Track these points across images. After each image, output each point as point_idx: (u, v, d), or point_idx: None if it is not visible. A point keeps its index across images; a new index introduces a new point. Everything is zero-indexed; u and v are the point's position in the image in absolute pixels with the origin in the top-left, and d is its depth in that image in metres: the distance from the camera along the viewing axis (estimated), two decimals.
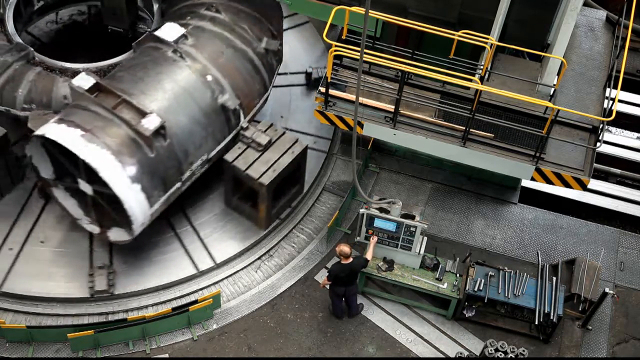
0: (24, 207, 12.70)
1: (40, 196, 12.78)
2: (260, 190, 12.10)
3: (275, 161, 12.19)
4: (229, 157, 12.22)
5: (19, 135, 12.67)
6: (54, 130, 11.01)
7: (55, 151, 11.49)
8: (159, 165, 11.34)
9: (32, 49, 12.37)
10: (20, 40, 12.65)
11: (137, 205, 11.14)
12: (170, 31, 12.13)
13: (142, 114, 11.15)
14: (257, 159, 12.19)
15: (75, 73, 12.20)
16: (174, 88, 11.72)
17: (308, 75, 14.89)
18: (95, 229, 12.08)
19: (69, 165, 11.56)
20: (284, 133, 12.59)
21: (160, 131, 11.18)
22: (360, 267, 11.42)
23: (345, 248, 11.13)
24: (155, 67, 11.85)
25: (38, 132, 11.14)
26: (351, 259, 11.23)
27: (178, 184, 11.78)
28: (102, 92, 11.38)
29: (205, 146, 11.98)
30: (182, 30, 12.14)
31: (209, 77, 12.01)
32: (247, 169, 12.05)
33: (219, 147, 12.26)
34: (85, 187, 11.66)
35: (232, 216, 13.03)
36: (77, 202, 12.14)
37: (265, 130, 12.51)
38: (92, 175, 11.22)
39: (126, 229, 11.66)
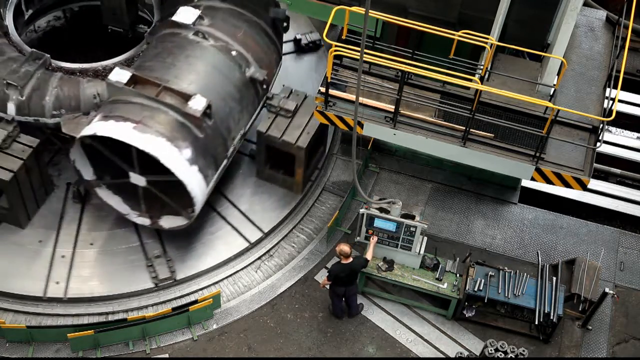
0: (62, 214, 12.76)
1: (75, 201, 12.82)
2: (297, 154, 12.44)
3: (307, 124, 12.55)
4: (261, 128, 12.52)
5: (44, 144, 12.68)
6: (104, 127, 11.12)
7: (104, 149, 11.59)
8: (209, 145, 11.64)
9: (48, 56, 12.36)
10: (29, 49, 12.58)
11: (198, 186, 11.42)
12: (186, 14, 12.28)
13: (186, 97, 11.38)
14: (288, 125, 12.53)
15: (96, 72, 12.39)
16: (206, 68, 11.95)
17: (297, 42, 15.28)
18: (145, 221, 12.26)
19: (119, 161, 11.74)
20: (306, 97, 12.96)
21: (206, 111, 11.38)
22: (360, 267, 11.42)
23: (345, 247, 11.13)
24: (182, 51, 12.01)
25: (86, 132, 11.21)
26: (351, 259, 11.23)
27: (225, 161, 12.16)
28: (139, 84, 11.54)
29: (242, 120, 12.34)
30: (198, 12, 12.28)
31: (234, 53, 12.22)
32: (282, 135, 12.36)
33: (252, 120, 12.64)
34: (138, 180, 11.85)
35: (266, 187, 13.33)
36: (122, 198, 12.30)
37: (288, 97, 12.86)
38: (145, 167, 11.43)
39: (183, 213, 11.93)
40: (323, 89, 11.31)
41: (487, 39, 10.74)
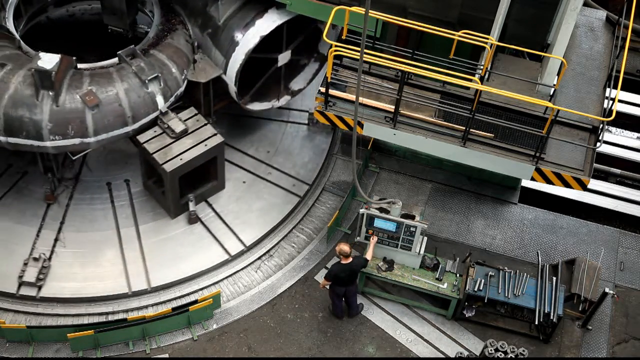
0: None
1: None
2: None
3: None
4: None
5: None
6: (260, 28, 12.30)
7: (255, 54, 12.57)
8: None
9: (134, 46, 12.50)
10: (110, 61, 12.54)
11: None
12: None
13: None
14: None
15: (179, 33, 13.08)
16: None
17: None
18: (287, 98, 13.92)
19: (269, 54, 13.00)
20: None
21: None
22: (360, 267, 11.41)
23: (345, 247, 11.13)
24: None
25: (251, 42, 12.26)
26: (351, 259, 11.23)
27: None
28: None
29: None
30: None
31: None
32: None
33: None
34: (284, 58, 13.25)
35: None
36: (258, 101, 13.62)
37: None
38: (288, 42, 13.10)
39: (312, 61, 13.74)
40: (323, 89, 11.31)
41: (487, 39, 10.74)
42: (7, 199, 12.91)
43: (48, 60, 11.56)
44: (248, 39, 12.36)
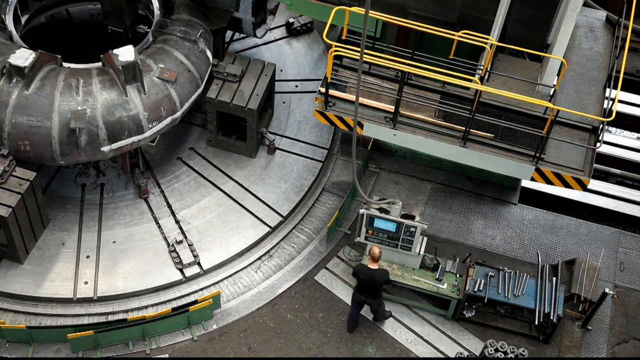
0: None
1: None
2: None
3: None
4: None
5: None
6: None
7: None
8: None
9: (161, 18, 12.92)
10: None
11: None
12: None
13: None
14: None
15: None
16: None
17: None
18: (272, 17, 14.07)
19: None
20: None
21: None
22: (381, 279, 11.21)
23: (375, 249, 11.06)
24: None
25: None
26: (377, 266, 11.13)
27: None
28: None
29: None
30: None
31: None
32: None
33: None
34: None
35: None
36: (257, 29, 13.71)
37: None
38: None
39: None
40: (323, 89, 11.32)
41: (487, 39, 10.75)
42: (107, 212, 12.85)
43: (126, 54, 11.66)
44: None
